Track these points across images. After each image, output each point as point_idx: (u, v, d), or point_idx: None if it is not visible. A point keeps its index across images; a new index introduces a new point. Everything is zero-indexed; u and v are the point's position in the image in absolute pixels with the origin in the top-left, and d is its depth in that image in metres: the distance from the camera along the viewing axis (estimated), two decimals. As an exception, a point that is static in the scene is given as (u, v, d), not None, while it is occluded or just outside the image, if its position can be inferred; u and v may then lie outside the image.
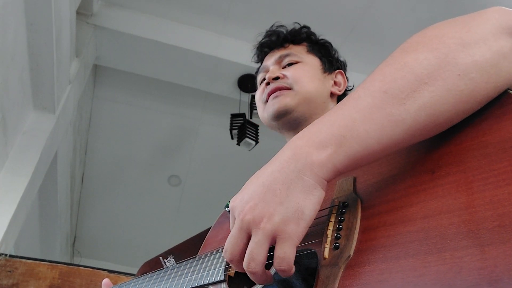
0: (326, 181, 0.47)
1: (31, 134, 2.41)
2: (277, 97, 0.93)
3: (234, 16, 3.15)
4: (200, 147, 4.25)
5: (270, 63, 1.02)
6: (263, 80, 1.01)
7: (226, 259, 0.51)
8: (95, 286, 1.92)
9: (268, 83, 0.97)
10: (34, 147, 2.38)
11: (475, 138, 0.43)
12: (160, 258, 0.85)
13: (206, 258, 0.72)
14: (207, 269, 0.69)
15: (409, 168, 0.48)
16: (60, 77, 2.45)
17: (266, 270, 0.49)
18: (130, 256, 5.01)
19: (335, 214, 0.53)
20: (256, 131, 3.17)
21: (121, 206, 4.75)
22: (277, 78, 0.96)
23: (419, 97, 0.45)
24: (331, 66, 1.04)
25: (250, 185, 0.51)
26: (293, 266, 0.46)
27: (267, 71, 1.02)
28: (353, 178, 0.55)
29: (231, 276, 0.65)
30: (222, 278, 0.64)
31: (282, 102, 0.92)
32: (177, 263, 0.81)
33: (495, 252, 0.34)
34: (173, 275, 0.77)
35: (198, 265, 0.73)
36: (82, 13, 2.94)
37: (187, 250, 0.92)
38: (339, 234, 0.50)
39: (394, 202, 0.47)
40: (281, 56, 1.01)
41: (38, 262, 1.95)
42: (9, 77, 1.99)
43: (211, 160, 4.34)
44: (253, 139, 3.12)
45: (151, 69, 3.39)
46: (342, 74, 1.05)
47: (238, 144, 3.16)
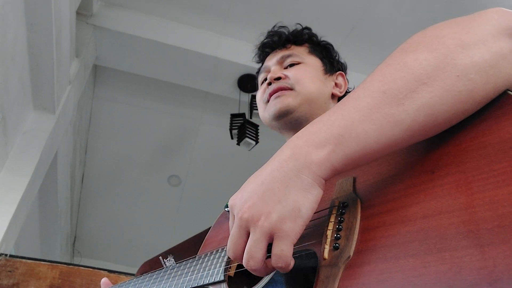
0: (324, 180, 0.48)
1: (31, 134, 2.41)
2: (278, 97, 0.93)
3: (234, 16, 3.15)
4: (200, 147, 4.25)
5: (272, 64, 1.02)
6: (265, 80, 1.01)
7: (231, 258, 0.51)
8: (95, 286, 1.92)
9: (269, 83, 0.97)
10: (34, 147, 2.38)
11: (475, 139, 0.44)
12: (159, 258, 0.85)
13: (206, 258, 0.72)
14: (207, 269, 0.69)
15: (408, 168, 0.49)
16: (60, 77, 2.45)
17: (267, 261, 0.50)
18: (130, 256, 5.01)
19: (335, 215, 0.53)
20: (256, 131, 3.17)
21: (121, 206, 4.75)
22: (278, 78, 0.96)
23: (418, 97, 0.45)
24: (332, 67, 1.04)
25: (249, 183, 0.51)
26: (290, 263, 0.47)
27: (269, 71, 1.02)
28: (352, 178, 0.56)
29: (231, 276, 0.65)
30: (222, 278, 0.64)
31: (284, 102, 0.92)
32: (176, 263, 0.81)
33: (495, 252, 0.34)
34: (172, 275, 0.77)
35: (197, 265, 0.73)
36: (82, 13, 2.94)
37: (187, 250, 0.93)
38: (339, 234, 0.50)
39: (394, 202, 0.47)
40: (283, 56, 1.01)
41: (38, 262, 1.96)
42: (9, 77, 1.99)
43: (211, 160, 4.34)
44: (253, 139, 3.12)
45: (151, 69, 3.39)
46: (343, 75, 1.05)
47: (238, 144, 3.16)
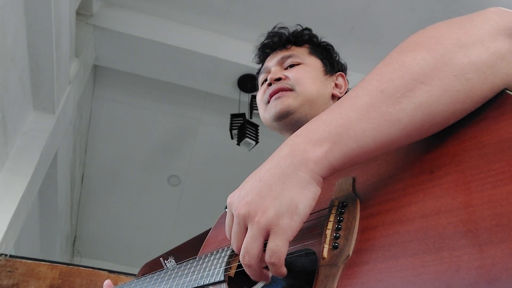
0: (322, 177, 0.48)
1: (31, 134, 2.41)
2: (279, 98, 0.93)
3: (234, 16, 3.15)
4: (199, 147, 4.25)
5: (272, 64, 1.02)
6: (265, 81, 1.01)
7: (235, 251, 0.52)
8: (95, 286, 1.92)
9: (270, 84, 0.97)
10: (34, 147, 2.38)
11: (473, 139, 0.44)
12: (160, 259, 0.85)
13: (207, 258, 0.72)
14: (207, 269, 0.69)
15: (407, 168, 0.49)
16: (60, 77, 2.46)
17: (265, 270, 0.50)
18: (130, 256, 5.01)
19: (334, 214, 0.53)
20: (256, 131, 3.17)
21: (121, 206, 4.75)
22: (279, 79, 0.96)
23: (415, 96, 0.45)
24: (333, 68, 1.04)
25: (248, 181, 0.52)
26: (283, 261, 0.47)
27: (269, 72, 1.01)
28: (352, 178, 0.56)
29: (231, 276, 0.66)
30: (222, 278, 0.64)
31: (284, 103, 0.92)
32: (177, 264, 0.81)
33: (493, 251, 0.35)
34: (173, 276, 0.78)
35: (198, 265, 0.73)
36: (82, 13, 2.94)
37: (188, 251, 0.93)
38: (338, 234, 0.50)
39: (393, 202, 0.47)
40: (283, 57, 1.01)
41: (38, 262, 1.96)
42: (9, 77, 1.99)
43: (211, 160, 4.34)
44: (253, 139, 3.12)
45: (151, 69, 3.39)
46: (343, 76, 1.05)
47: (238, 144, 3.16)
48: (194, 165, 4.40)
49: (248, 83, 3.39)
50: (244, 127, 3.15)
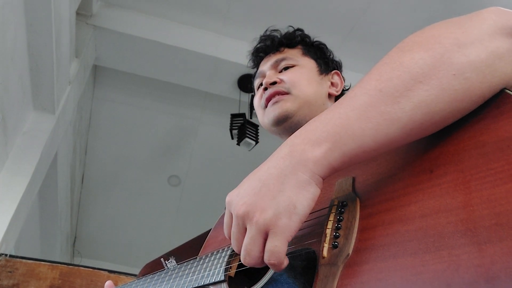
0: (322, 178, 0.48)
1: (31, 134, 2.42)
2: (277, 102, 0.93)
3: (233, 16, 3.16)
4: (200, 147, 4.25)
5: (267, 68, 1.02)
6: (261, 85, 1.01)
7: (235, 251, 0.52)
8: (96, 286, 1.92)
9: (266, 89, 0.96)
10: (34, 148, 2.38)
11: (473, 138, 0.44)
12: (161, 259, 0.85)
13: (207, 258, 0.72)
14: (208, 269, 0.69)
15: (407, 167, 0.49)
16: (59, 77, 2.46)
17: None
18: (130, 256, 5.01)
19: (334, 214, 0.53)
20: (256, 131, 3.18)
21: (121, 206, 4.76)
22: (274, 83, 0.95)
23: (414, 96, 0.45)
24: (327, 67, 1.04)
25: (246, 180, 0.52)
26: (283, 261, 0.47)
27: (264, 76, 1.01)
28: (352, 178, 0.56)
29: (231, 276, 0.66)
30: (223, 278, 0.64)
31: (282, 107, 0.92)
32: (177, 264, 0.81)
33: (493, 250, 0.35)
34: (174, 276, 0.78)
35: (198, 265, 0.73)
36: (82, 13, 2.94)
37: (188, 251, 0.93)
38: (338, 233, 0.50)
39: (393, 201, 0.47)
40: (277, 60, 1.01)
41: (38, 262, 1.96)
42: (9, 77, 1.99)
43: (211, 160, 4.34)
44: (253, 139, 3.12)
45: (151, 69, 3.39)
46: (338, 74, 1.05)
47: (238, 144, 3.16)
48: (194, 165, 4.40)
49: (248, 83, 3.39)
50: (244, 127, 3.16)
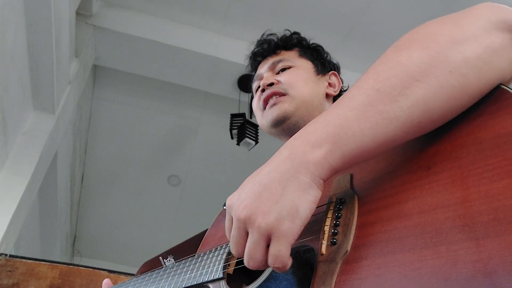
0: (323, 180, 0.48)
1: (31, 134, 2.42)
2: (275, 104, 0.94)
3: (233, 16, 3.16)
4: (199, 147, 4.25)
5: (264, 70, 1.04)
6: (259, 87, 1.02)
7: (235, 256, 0.52)
8: (95, 286, 1.92)
9: (263, 90, 0.98)
10: (34, 147, 2.39)
11: (470, 134, 0.44)
12: (159, 258, 0.85)
13: (205, 256, 0.73)
14: (206, 267, 0.69)
15: (405, 164, 0.49)
16: (59, 77, 2.46)
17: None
18: (130, 256, 5.01)
19: (332, 210, 0.54)
20: (256, 131, 3.18)
21: (121, 206, 4.76)
22: (271, 84, 0.97)
23: (412, 94, 0.45)
24: (324, 68, 1.05)
25: (247, 184, 0.51)
26: (287, 264, 0.47)
27: (262, 79, 1.03)
28: (350, 175, 0.56)
29: (230, 273, 0.66)
30: (221, 275, 0.65)
31: (280, 108, 0.93)
32: (176, 262, 0.81)
33: (490, 245, 0.35)
34: (172, 273, 0.78)
35: (197, 263, 0.73)
36: (82, 13, 2.94)
37: (187, 250, 0.93)
38: (336, 230, 0.50)
39: (391, 198, 0.47)
40: (273, 62, 1.03)
41: (38, 262, 1.96)
42: (9, 77, 1.99)
43: (211, 160, 4.34)
44: (253, 139, 3.12)
45: (151, 69, 3.39)
46: (335, 75, 1.06)
47: (238, 144, 3.16)
48: (194, 165, 4.40)
49: (248, 83, 3.37)
50: (244, 127, 3.16)
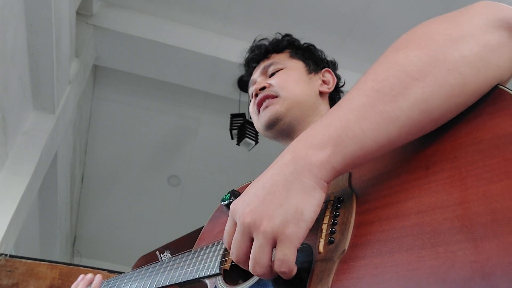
0: (326, 182, 0.48)
1: (31, 134, 2.42)
2: (267, 107, 0.95)
3: (233, 16, 3.16)
4: (199, 147, 4.25)
5: (257, 76, 1.05)
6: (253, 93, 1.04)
7: (234, 261, 0.51)
8: (95, 285, 1.91)
9: (256, 95, 0.99)
10: (34, 147, 2.38)
11: (469, 135, 0.44)
12: (156, 252, 0.85)
13: (202, 251, 0.73)
14: (203, 262, 0.69)
15: (404, 164, 0.49)
16: (60, 77, 2.46)
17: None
18: (130, 256, 4.99)
19: (330, 209, 0.54)
20: (256, 131, 3.17)
21: (121, 206, 4.76)
22: (263, 88, 0.98)
23: (411, 93, 0.46)
24: (317, 66, 1.05)
25: (251, 188, 0.51)
26: (294, 268, 0.47)
27: (255, 83, 1.04)
28: (348, 173, 0.56)
29: (226, 269, 0.66)
30: (218, 271, 0.65)
31: (272, 110, 0.94)
32: (172, 256, 0.81)
33: (488, 246, 0.35)
34: (168, 268, 0.78)
35: (193, 258, 0.73)
36: (82, 13, 2.94)
37: (184, 245, 0.93)
38: (334, 228, 0.50)
39: (389, 198, 0.47)
40: (265, 66, 1.04)
41: (38, 262, 1.96)
42: (9, 77, 1.99)
43: (211, 160, 4.34)
44: (252, 139, 3.12)
45: (151, 69, 3.39)
46: (330, 72, 1.06)
47: (238, 144, 3.16)
48: (194, 165, 4.40)
49: (248, 83, 3.39)
50: (244, 127, 3.15)
